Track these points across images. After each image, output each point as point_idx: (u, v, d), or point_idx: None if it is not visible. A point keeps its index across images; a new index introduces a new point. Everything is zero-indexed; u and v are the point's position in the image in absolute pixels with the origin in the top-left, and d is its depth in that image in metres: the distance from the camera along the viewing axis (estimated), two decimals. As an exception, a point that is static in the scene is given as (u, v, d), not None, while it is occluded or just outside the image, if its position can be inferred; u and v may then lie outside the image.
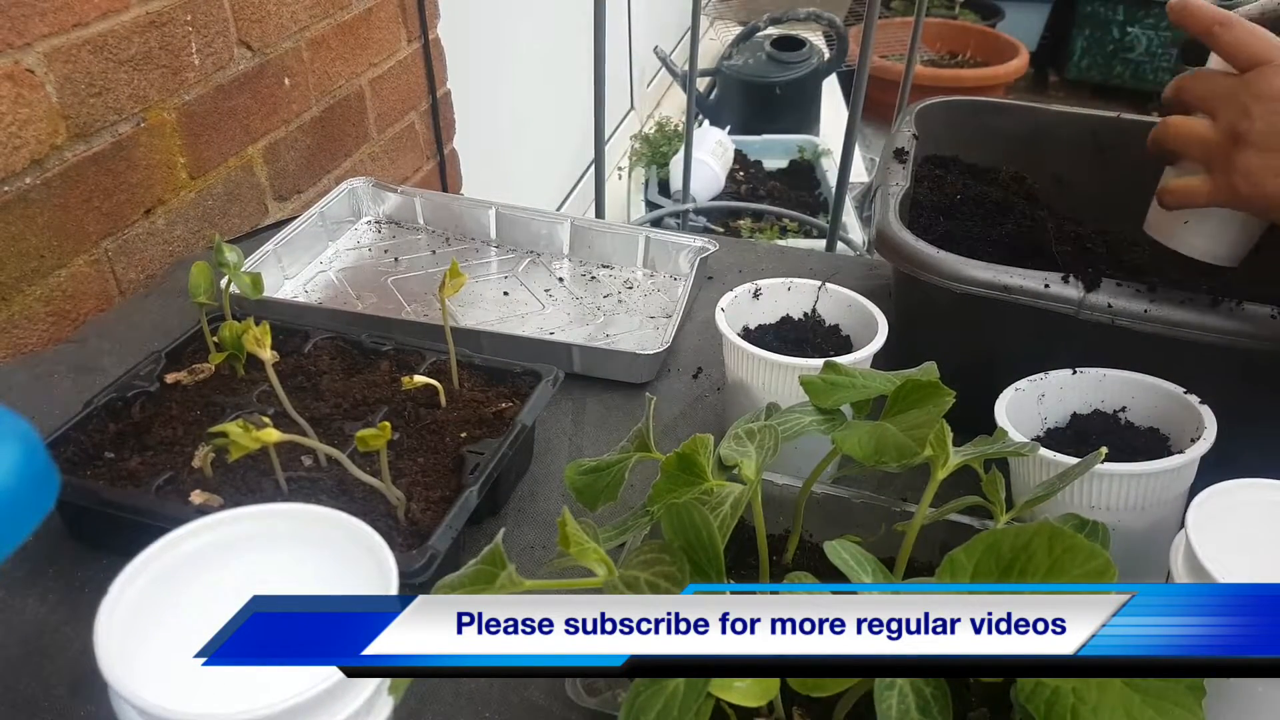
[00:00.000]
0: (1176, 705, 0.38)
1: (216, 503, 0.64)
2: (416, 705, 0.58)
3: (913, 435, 0.48)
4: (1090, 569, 0.36)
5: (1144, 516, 0.59)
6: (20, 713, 0.57)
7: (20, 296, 0.91)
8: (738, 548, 0.59)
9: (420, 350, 0.79)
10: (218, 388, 0.75)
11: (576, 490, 0.55)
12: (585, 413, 0.84)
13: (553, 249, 1.07)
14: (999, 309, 0.69)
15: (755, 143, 2.73)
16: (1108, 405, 0.68)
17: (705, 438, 0.51)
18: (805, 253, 1.13)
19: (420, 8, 1.48)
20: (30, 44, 0.87)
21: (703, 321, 0.96)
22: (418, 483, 0.67)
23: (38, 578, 0.66)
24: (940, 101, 1.00)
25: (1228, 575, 0.47)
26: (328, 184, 1.34)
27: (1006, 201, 0.91)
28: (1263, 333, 0.64)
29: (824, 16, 2.64)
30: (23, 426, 0.37)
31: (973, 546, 0.39)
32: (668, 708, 0.39)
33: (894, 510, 0.60)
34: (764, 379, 0.70)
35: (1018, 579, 0.37)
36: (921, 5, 1.86)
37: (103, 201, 0.98)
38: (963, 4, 4.20)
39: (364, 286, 1.01)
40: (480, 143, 1.81)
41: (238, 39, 1.13)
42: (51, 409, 0.79)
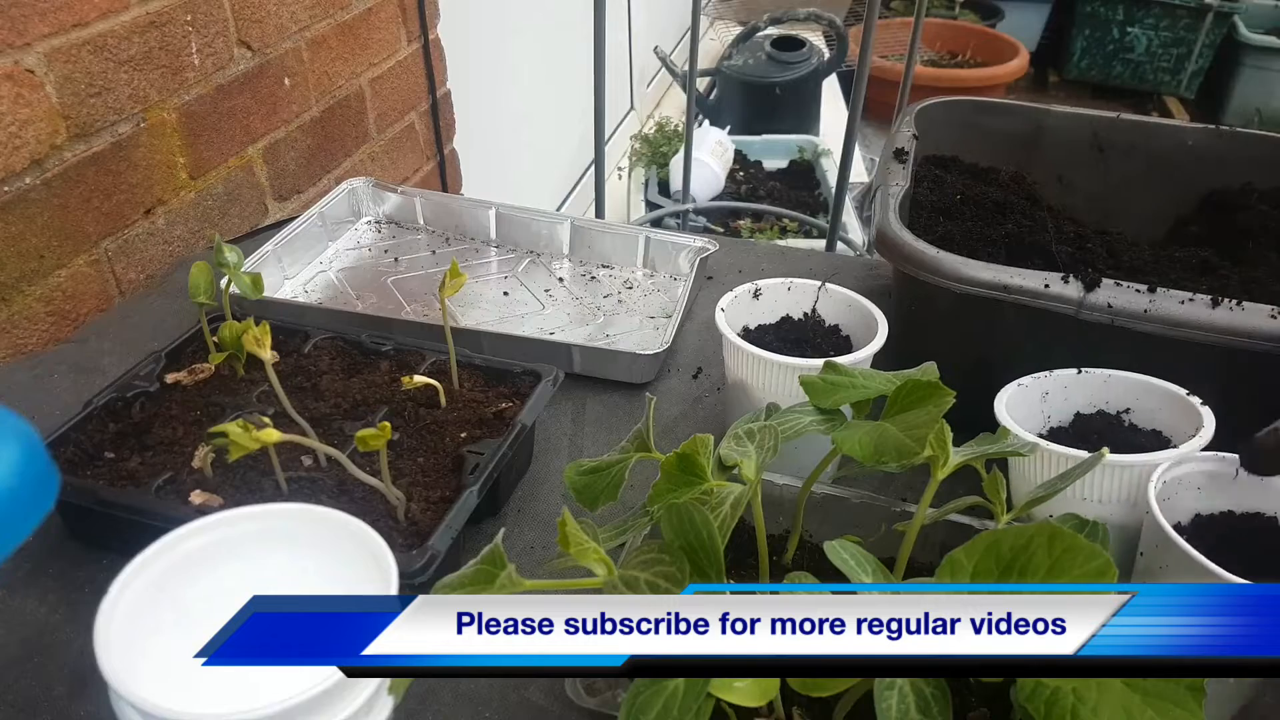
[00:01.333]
0: (1176, 705, 0.38)
1: (216, 503, 0.64)
2: (416, 705, 0.58)
3: (913, 435, 0.48)
4: (1090, 569, 0.36)
5: (1137, 512, 0.59)
6: (20, 713, 0.57)
7: (20, 296, 0.91)
8: (738, 548, 0.59)
9: (420, 350, 0.79)
10: (218, 388, 0.75)
11: (576, 490, 0.55)
12: (585, 413, 0.84)
13: (553, 249, 1.07)
14: (999, 309, 0.69)
15: (755, 143, 2.73)
16: (1112, 406, 0.68)
17: (705, 438, 0.51)
18: (805, 253, 1.13)
19: (420, 8, 1.48)
20: (30, 44, 0.87)
21: (703, 321, 0.96)
22: (417, 483, 0.67)
23: (38, 578, 0.66)
24: (940, 101, 1.00)
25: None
26: (328, 184, 1.34)
27: (1006, 201, 0.91)
28: (1263, 333, 0.64)
29: (824, 17, 2.64)
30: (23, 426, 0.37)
31: (973, 546, 0.39)
32: (668, 708, 0.39)
33: (894, 510, 0.60)
34: (764, 379, 0.70)
35: (1018, 579, 0.37)
36: (921, 5, 1.86)
37: (103, 201, 0.98)
38: (963, 4, 4.20)
39: (364, 286, 1.01)
40: (480, 143, 1.81)
41: (238, 39, 1.13)
42: (51, 409, 0.79)
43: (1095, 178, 0.97)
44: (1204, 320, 0.65)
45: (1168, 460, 0.57)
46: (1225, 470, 0.58)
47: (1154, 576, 0.54)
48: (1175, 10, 3.74)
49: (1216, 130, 0.93)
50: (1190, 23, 3.75)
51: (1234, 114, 3.76)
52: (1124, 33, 3.90)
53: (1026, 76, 3.92)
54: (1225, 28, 3.74)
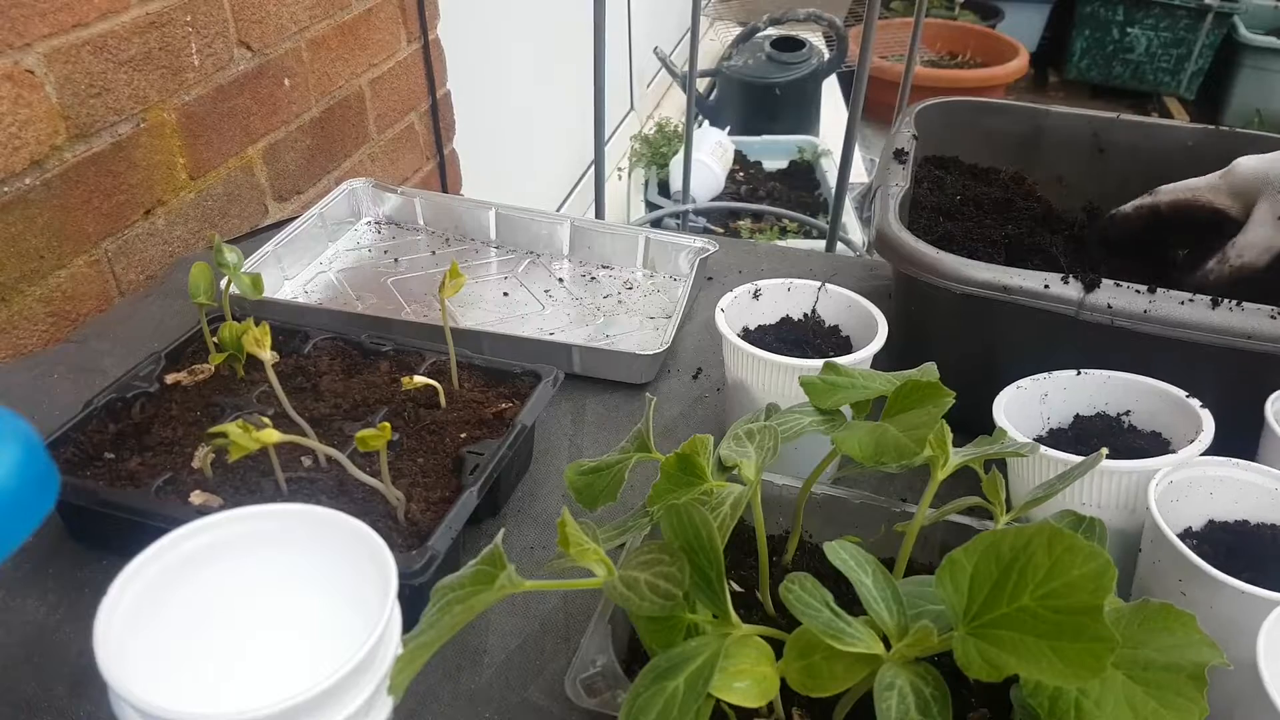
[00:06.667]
0: (1179, 696, 0.38)
1: (216, 503, 0.64)
2: (416, 705, 0.58)
3: (912, 436, 0.48)
4: (1090, 570, 0.36)
5: (1136, 517, 0.59)
6: (20, 713, 0.57)
7: (20, 297, 0.91)
8: (738, 548, 0.59)
9: (420, 351, 0.79)
10: (218, 388, 0.75)
11: (576, 491, 0.55)
12: (585, 413, 0.84)
13: (553, 249, 1.07)
14: (999, 309, 0.69)
15: (755, 143, 2.73)
16: (1112, 408, 0.68)
17: (705, 438, 0.51)
18: (805, 253, 1.12)
19: (420, 8, 1.48)
20: (30, 44, 0.87)
21: (703, 322, 0.96)
22: (417, 483, 0.67)
23: (38, 578, 0.66)
24: (940, 102, 1.00)
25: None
26: (328, 184, 1.34)
27: (1006, 201, 0.91)
28: (1263, 333, 0.64)
29: (824, 17, 2.64)
30: (23, 427, 0.37)
31: (973, 547, 0.39)
32: (668, 708, 0.39)
33: (894, 511, 0.60)
34: (764, 379, 0.70)
35: (1017, 579, 0.37)
36: (921, 6, 1.86)
37: (103, 202, 0.98)
38: (963, 4, 4.21)
39: (364, 287, 1.01)
40: (480, 143, 1.81)
41: (238, 39, 1.13)
42: (51, 409, 0.79)
43: (1095, 178, 0.97)
44: (1204, 321, 0.64)
45: (1166, 466, 0.57)
46: (1236, 476, 0.57)
47: (1152, 577, 0.54)
48: (1175, 11, 3.74)
49: (1216, 131, 0.93)
50: (1190, 23, 3.75)
51: (1234, 114, 3.77)
52: (1124, 33, 3.90)
53: (1026, 77, 3.92)
54: (1225, 28, 3.74)
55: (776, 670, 0.42)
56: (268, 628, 0.51)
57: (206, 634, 0.49)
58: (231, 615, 0.50)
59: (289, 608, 0.51)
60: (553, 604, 0.65)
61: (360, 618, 0.47)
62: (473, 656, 0.62)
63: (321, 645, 0.50)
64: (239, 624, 0.50)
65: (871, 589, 0.42)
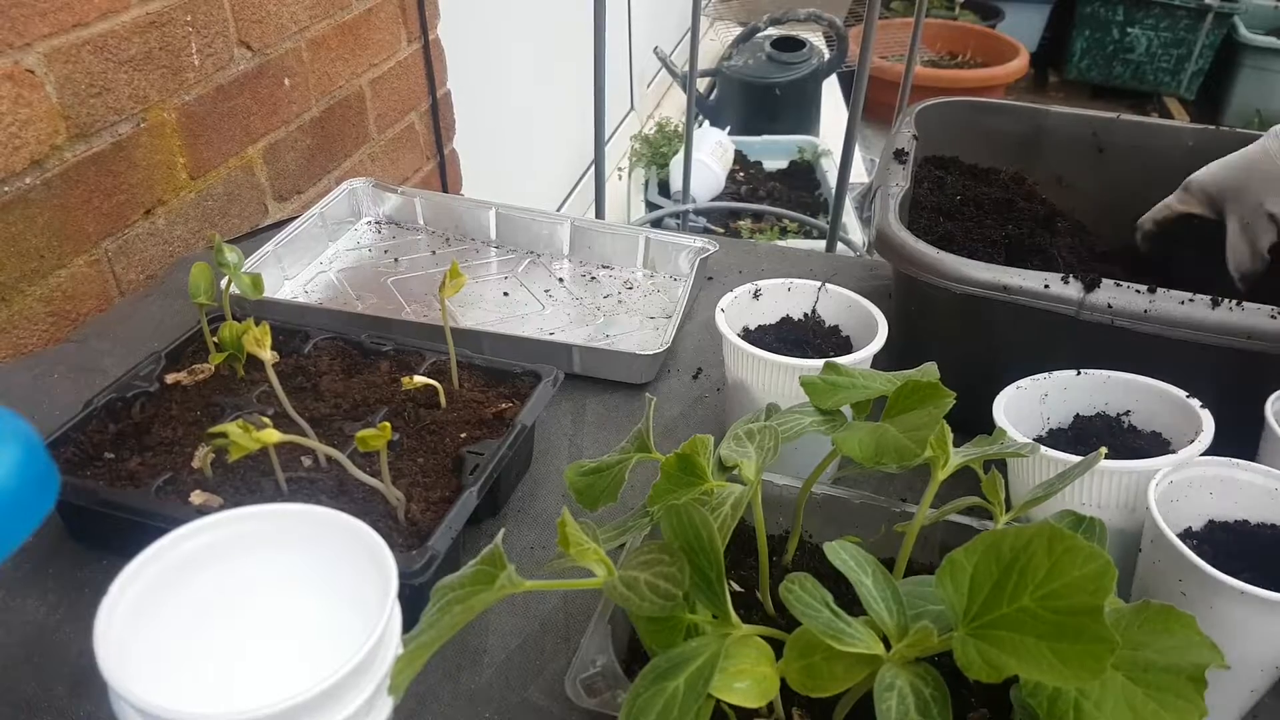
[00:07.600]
0: (1178, 697, 0.38)
1: (216, 503, 0.64)
2: (416, 705, 0.58)
3: (913, 436, 0.48)
4: (1090, 570, 0.36)
5: (1136, 517, 0.59)
6: (20, 713, 0.57)
7: (20, 296, 0.91)
8: (738, 548, 0.59)
9: (420, 351, 0.79)
10: (218, 388, 0.75)
11: (576, 491, 0.55)
12: (585, 413, 0.84)
13: (553, 249, 1.07)
14: (999, 309, 0.69)
15: (755, 143, 2.73)
16: (1112, 408, 0.67)
17: (705, 438, 0.51)
18: (805, 253, 1.12)
19: (420, 8, 1.48)
20: (30, 44, 0.87)
21: (703, 322, 0.96)
22: (417, 483, 0.67)
23: (38, 578, 0.66)
24: (940, 102, 1.00)
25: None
26: (328, 184, 1.34)
27: (1006, 201, 0.91)
28: (1263, 332, 0.64)
29: (824, 17, 2.64)
30: (23, 427, 0.37)
31: (973, 547, 0.39)
32: (668, 708, 0.39)
33: (894, 511, 0.60)
34: (764, 379, 0.70)
35: (1018, 579, 0.37)
36: (921, 6, 1.86)
37: (103, 202, 0.98)
38: (963, 4, 4.20)
39: (364, 287, 1.01)
40: (480, 143, 1.81)
41: (238, 39, 1.13)
42: (51, 409, 0.79)
43: (1095, 178, 0.97)
44: (1204, 320, 0.64)
45: (1165, 466, 0.57)
46: (1236, 476, 0.57)
47: (1152, 577, 0.54)
48: (1175, 11, 3.74)
49: (1216, 131, 0.93)
50: (1190, 23, 3.75)
51: (1234, 115, 3.77)
52: (1124, 33, 3.90)
53: (1026, 77, 3.92)
54: (1225, 28, 3.74)
55: (776, 670, 0.42)
56: (268, 627, 0.51)
57: (207, 634, 0.49)
58: (231, 615, 0.50)
59: (289, 607, 0.51)
60: (553, 604, 0.65)
61: (360, 618, 0.47)
62: (473, 656, 0.62)
63: (322, 645, 0.50)
64: (239, 624, 0.50)
65: (871, 589, 0.42)
